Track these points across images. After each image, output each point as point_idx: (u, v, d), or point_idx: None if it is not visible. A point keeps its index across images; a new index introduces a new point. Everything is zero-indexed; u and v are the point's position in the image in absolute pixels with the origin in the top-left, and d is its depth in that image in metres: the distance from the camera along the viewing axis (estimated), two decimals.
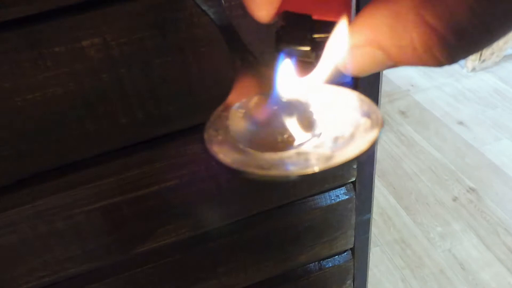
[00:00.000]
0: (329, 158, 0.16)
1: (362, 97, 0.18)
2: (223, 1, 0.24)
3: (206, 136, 0.17)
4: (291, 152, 0.17)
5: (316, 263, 0.54)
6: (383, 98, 2.28)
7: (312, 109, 0.19)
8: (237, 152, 0.17)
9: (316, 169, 0.15)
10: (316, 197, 0.47)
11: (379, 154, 1.94)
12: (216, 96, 0.34)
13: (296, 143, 0.17)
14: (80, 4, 0.27)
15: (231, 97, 0.19)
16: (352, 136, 0.16)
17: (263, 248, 0.48)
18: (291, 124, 0.18)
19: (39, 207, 0.35)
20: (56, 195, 0.35)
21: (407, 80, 2.39)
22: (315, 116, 0.19)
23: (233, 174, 0.15)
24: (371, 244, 1.62)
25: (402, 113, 2.16)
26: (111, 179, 0.36)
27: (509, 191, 1.69)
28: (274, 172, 0.15)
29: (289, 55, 0.19)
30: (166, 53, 0.31)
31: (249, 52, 0.21)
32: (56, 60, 0.29)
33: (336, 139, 0.17)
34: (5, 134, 0.31)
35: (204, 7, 0.24)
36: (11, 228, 0.35)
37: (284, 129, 0.18)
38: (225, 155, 0.16)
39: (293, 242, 0.49)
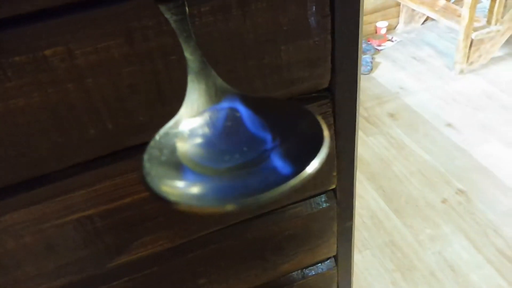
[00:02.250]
0: (273, 182, 0.15)
1: (311, 114, 0.17)
2: (187, 9, 0.23)
3: (146, 158, 0.16)
4: (237, 173, 0.16)
5: (299, 271, 0.53)
6: (372, 101, 2.28)
7: (264, 125, 0.18)
8: (178, 177, 0.16)
9: (250, 200, 0.14)
10: (296, 205, 0.46)
11: (369, 157, 1.95)
12: None
13: (244, 161, 0.16)
14: (41, 12, 0.26)
15: (182, 111, 0.18)
16: (301, 155, 0.16)
17: (244, 258, 0.47)
18: (241, 141, 0.17)
19: (6, 222, 0.34)
20: (25, 209, 0.34)
21: (396, 82, 2.40)
22: (266, 133, 0.18)
23: (165, 204, 0.14)
24: (362, 247, 1.62)
25: (392, 115, 2.16)
26: (82, 192, 0.35)
27: (498, 192, 1.69)
28: (207, 207, 0.15)
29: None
30: (135, 62, 0.30)
31: (205, 64, 0.20)
32: (18, 70, 0.27)
33: (285, 157, 0.16)
34: None
35: (167, 15, 0.23)
36: None
37: (234, 147, 0.17)
38: (162, 182, 0.15)
39: (275, 251, 0.48)
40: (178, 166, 0.16)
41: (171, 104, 0.33)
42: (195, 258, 0.45)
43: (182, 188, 0.15)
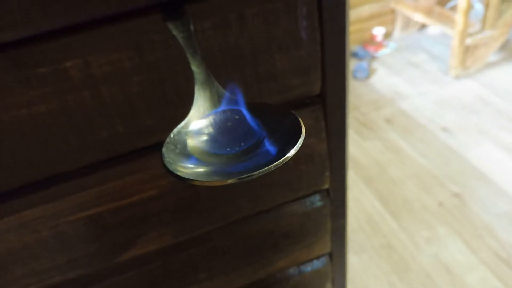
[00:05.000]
0: (264, 164, 0.19)
1: (294, 115, 0.21)
2: (192, 27, 0.27)
3: (164, 150, 0.19)
4: (236, 159, 0.20)
5: (296, 267, 0.56)
6: (369, 106, 2.32)
7: (257, 124, 0.22)
8: (190, 164, 0.19)
9: (246, 176, 0.18)
10: (292, 203, 0.49)
11: (366, 161, 1.98)
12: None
13: (240, 151, 0.20)
14: (61, 29, 0.30)
15: (191, 114, 0.22)
16: (285, 145, 0.20)
17: (243, 254, 0.51)
18: (240, 137, 0.21)
19: (25, 218, 0.37)
20: (42, 206, 0.37)
21: (392, 88, 2.44)
22: (258, 130, 0.21)
23: (182, 182, 0.17)
24: (359, 250, 1.63)
25: (388, 120, 2.20)
26: (94, 190, 0.38)
27: (493, 195, 1.73)
28: (214, 181, 0.18)
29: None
30: (144, 71, 0.33)
31: (209, 75, 0.23)
32: (41, 80, 0.31)
33: (273, 146, 0.20)
34: None
35: (175, 32, 0.27)
36: None
37: (233, 141, 0.21)
38: (178, 166, 0.19)
39: (272, 248, 0.51)
40: (189, 157, 0.20)
41: (176, 109, 0.36)
42: (197, 253, 0.48)
43: (194, 171, 0.19)
